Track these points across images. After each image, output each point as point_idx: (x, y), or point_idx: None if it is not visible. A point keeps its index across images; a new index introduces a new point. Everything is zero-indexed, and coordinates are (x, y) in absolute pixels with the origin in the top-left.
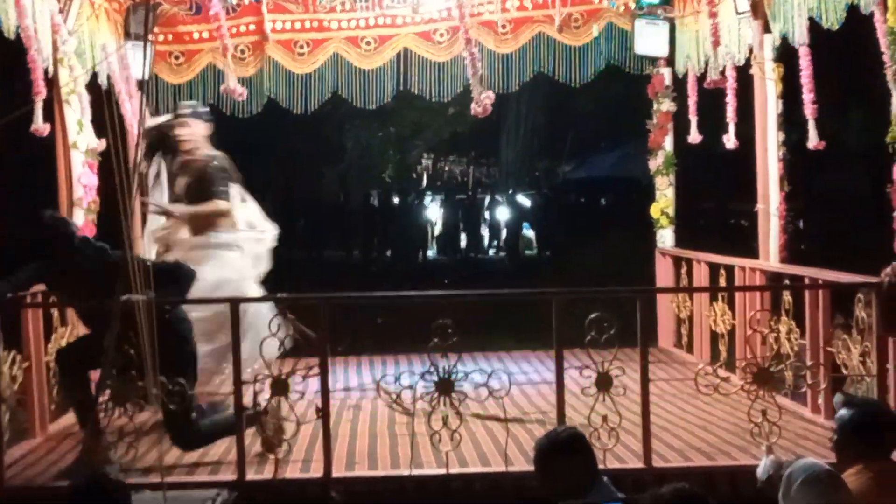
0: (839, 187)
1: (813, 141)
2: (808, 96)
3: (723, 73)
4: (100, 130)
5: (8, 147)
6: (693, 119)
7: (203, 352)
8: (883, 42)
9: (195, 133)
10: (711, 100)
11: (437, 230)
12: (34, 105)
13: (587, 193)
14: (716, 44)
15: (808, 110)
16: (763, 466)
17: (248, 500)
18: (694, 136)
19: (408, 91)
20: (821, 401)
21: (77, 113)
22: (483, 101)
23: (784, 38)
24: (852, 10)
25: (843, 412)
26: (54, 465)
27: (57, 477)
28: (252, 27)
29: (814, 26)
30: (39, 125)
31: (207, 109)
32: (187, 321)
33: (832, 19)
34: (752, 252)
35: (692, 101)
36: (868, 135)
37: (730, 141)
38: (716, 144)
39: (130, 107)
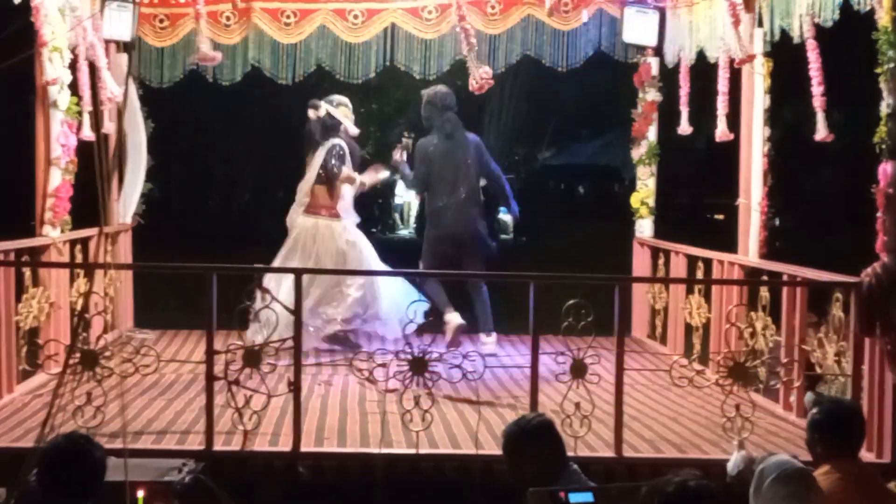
0: (817, 187)
1: (822, 133)
2: (817, 89)
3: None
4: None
5: None
6: (684, 110)
7: None
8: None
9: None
10: (694, 93)
11: (415, 210)
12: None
13: (566, 180)
14: (737, 23)
15: (818, 102)
16: (734, 461)
17: (215, 470)
18: (684, 128)
19: (394, 67)
20: (793, 398)
21: (58, 71)
22: (480, 76)
23: (777, 33)
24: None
25: (813, 412)
26: (20, 425)
27: None
28: None
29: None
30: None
31: None
32: None
33: (826, 16)
34: (727, 247)
35: (684, 91)
36: (846, 135)
37: (720, 132)
38: (695, 138)
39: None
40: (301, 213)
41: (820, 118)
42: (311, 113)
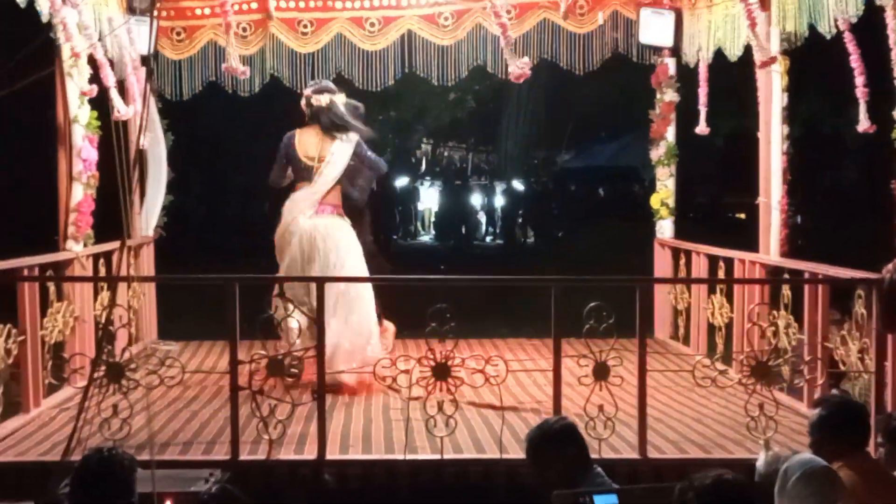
0: (837, 183)
1: (864, 124)
2: (859, 79)
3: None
4: (96, 105)
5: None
6: (703, 110)
7: None
8: (893, 37)
9: None
10: (712, 92)
11: (434, 216)
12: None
13: (586, 182)
14: (753, 25)
15: (860, 93)
16: (762, 461)
17: (241, 479)
18: (702, 128)
19: (412, 74)
20: (817, 396)
21: (79, 86)
22: (522, 66)
23: (803, 31)
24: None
25: (815, 412)
26: (47, 439)
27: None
28: (255, 5)
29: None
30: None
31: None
32: None
33: (851, 12)
34: (748, 246)
35: (703, 91)
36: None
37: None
38: (713, 137)
39: (136, 81)
40: (306, 213)
41: (862, 109)
42: (324, 98)
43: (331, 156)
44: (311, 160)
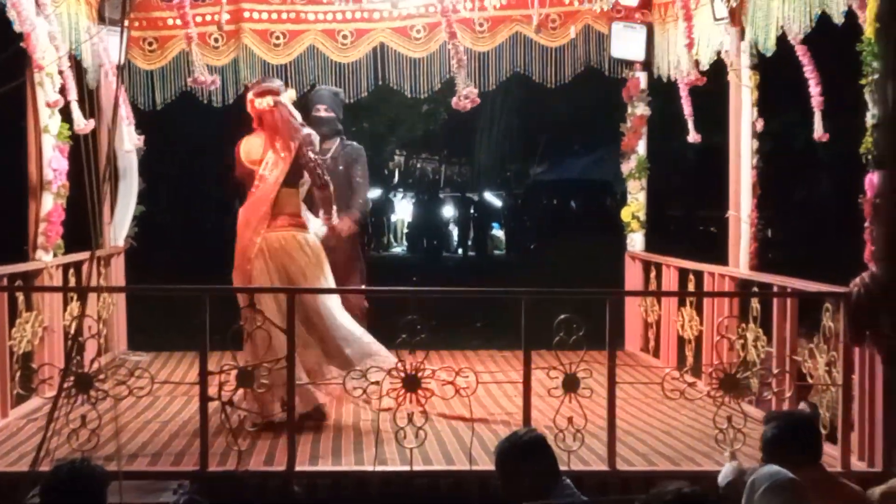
0: (808, 197)
1: (819, 132)
2: (815, 89)
3: (701, 72)
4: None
5: None
6: (689, 120)
7: None
8: None
9: None
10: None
11: (407, 227)
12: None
13: (558, 195)
14: (690, 45)
15: (816, 102)
16: (725, 472)
17: (209, 490)
18: (693, 136)
19: (384, 86)
20: (785, 409)
21: (50, 96)
22: (467, 95)
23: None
24: (821, 22)
25: (766, 429)
26: (14, 450)
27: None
28: (227, 16)
29: (784, 38)
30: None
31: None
32: None
33: (796, 28)
34: (720, 258)
35: (686, 102)
36: (836, 145)
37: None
38: (686, 150)
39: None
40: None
41: (818, 118)
42: (265, 101)
43: (270, 156)
44: (253, 164)
